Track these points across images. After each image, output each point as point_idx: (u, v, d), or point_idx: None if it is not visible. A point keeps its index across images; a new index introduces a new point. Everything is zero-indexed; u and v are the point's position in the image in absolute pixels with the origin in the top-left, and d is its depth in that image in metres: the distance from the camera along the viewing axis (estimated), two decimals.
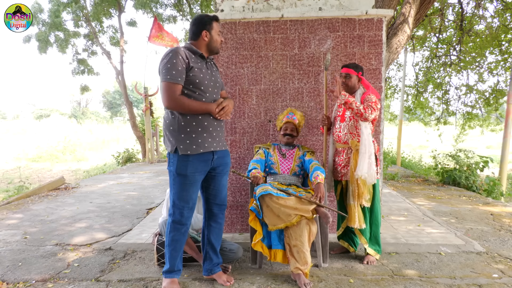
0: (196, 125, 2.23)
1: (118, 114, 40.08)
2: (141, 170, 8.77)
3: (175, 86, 2.12)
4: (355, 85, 2.87)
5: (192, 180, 2.28)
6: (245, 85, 3.47)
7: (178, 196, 2.29)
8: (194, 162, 2.24)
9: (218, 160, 2.39)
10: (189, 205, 2.32)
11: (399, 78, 11.73)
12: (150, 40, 9.14)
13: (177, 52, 2.14)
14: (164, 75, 2.13)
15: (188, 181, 2.27)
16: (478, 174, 6.39)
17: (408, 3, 5.38)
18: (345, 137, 2.86)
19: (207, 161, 2.32)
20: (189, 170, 2.24)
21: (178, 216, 2.31)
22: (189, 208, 2.33)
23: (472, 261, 2.89)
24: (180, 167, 2.23)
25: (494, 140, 15.77)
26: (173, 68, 2.11)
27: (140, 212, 4.60)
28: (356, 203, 2.78)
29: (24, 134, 18.91)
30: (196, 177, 2.29)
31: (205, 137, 2.26)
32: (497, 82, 8.78)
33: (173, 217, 2.32)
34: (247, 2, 3.42)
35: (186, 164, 2.23)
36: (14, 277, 2.67)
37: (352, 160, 2.80)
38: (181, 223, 2.33)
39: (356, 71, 2.84)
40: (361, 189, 2.75)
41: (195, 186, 2.32)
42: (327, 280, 2.56)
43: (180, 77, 2.13)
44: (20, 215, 4.44)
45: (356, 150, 2.79)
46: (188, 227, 2.39)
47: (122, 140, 18.78)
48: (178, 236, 2.34)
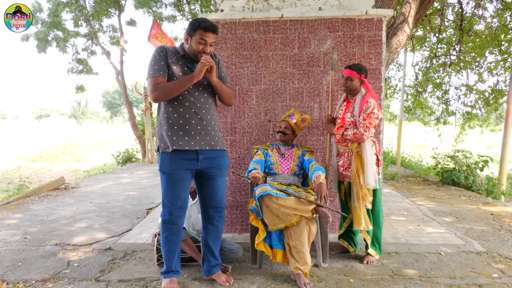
0: (172, 123, 2.27)
1: (118, 114, 40.06)
2: (141, 170, 8.77)
3: (156, 78, 2.23)
4: (356, 88, 2.81)
5: (177, 178, 2.29)
6: (245, 85, 3.47)
7: (166, 195, 2.32)
8: (175, 160, 2.27)
9: (206, 161, 2.35)
10: (177, 204, 2.31)
11: (399, 78, 11.74)
12: (150, 40, 9.13)
13: (158, 50, 2.29)
14: (148, 73, 2.27)
15: (172, 179, 2.28)
16: (477, 174, 6.39)
17: (408, 3, 5.38)
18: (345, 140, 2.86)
19: (192, 160, 2.31)
20: (171, 167, 2.27)
21: (168, 216, 2.32)
22: (178, 207, 2.32)
23: (472, 261, 2.89)
24: (162, 165, 2.30)
25: (494, 140, 15.77)
26: (155, 64, 2.24)
27: (140, 212, 4.60)
28: (360, 204, 2.75)
29: (24, 134, 18.90)
30: (180, 175, 2.29)
31: (181, 135, 2.27)
32: (496, 82, 8.79)
33: (163, 216, 2.35)
34: (247, 2, 3.42)
35: (167, 162, 2.28)
36: (14, 277, 2.67)
37: (353, 163, 2.78)
38: (171, 223, 2.33)
39: (358, 74, 2.76)
40: (364, 191, 2.74)
41: (181, 185, 2.31)
42: (327, 280, 2.56)
43: (161, 70, 2.24)
44: (20, 215, 4.44)
45: (357, 153, 2.78)
46: (180, 227, 2.38)
47: (122, 140, 18.77)
48: (171, 236, 2.35)
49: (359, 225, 2.75)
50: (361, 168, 2.75)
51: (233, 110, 3.48)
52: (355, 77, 2.77)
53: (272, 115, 3.47)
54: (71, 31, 11.22)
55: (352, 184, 2.80)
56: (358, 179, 2.75)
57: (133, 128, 11.97)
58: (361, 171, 2.75)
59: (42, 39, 10.56)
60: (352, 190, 2.80)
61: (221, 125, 3.50)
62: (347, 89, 2.84)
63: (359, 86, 2.82)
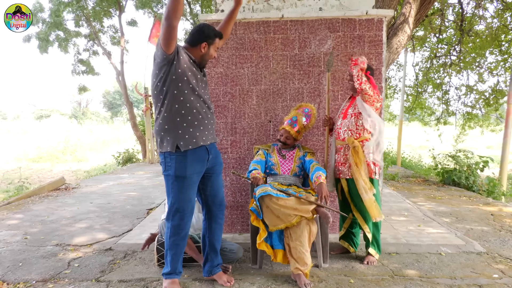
0: (191, 119, 2.25)
1: (119, 115, 40.06)
2: (141, 170, 8.77)
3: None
4: None
5: (191, 182, 2.29)
6: (245, 85, 3.47)
7: (177, 199, 2.27)
8: (192, 163, 2.25)
9: (212, 160, 2.40)
10: (188, 209, 2.31)
11: (399, 78, 11.73)
12: (150, 40, 9.15)
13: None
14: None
15: (187, 183, 2.26)
16: (478, 174, 6.39)
17: (408, 3, 5.38)
18: (344, 134, 2.86)
19: (204, 161, 2.33)
20: (189, 171, 2.24)
21: (178, 221, 2.29)
22: (189, 211, 2.33)
23: (473, 262, 2.89)
24: (179, 168, 2.23)
25: (494, 140, 15.75)
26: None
27: (140, 212, 4.60)
28: (370, 195, 2.70)
29: (24, 134, 18.91)
30: (194, 179, 2.30)
31: (202, 130, 2.29)
32: (497, 83, 8.78)
33: (173, 221, 2.30)
34: (248, 2, 3.42)
35: (183, 164, 2.23)
36: (15, 278, 2.67)
37: (351, 157, 2.78)
38: (181, 228, 2.31)
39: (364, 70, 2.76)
40: (368, 184, 2.72)
41: (193, 188, 2.32)
42: (328, 280, 2.56)
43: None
44: (20, 215, 4.44)
45: (353, 148, 2.77)
46: (188, 231, 2.38)
47: (122, 140, 18.75)
48: (179, 240, 2.34)
49: (379, 216, 2.71)
50: (359, 162, 2.74)
51: (233, 110, 3.48)
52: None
53: (273, 115, 3.47)
54: (72, 31, 11.23)
55: (355, 178, 2.75)
56: (360, 173, 2.73)
57: (134, 129, 11.96)
58: (360, 165, 2.74)
59: (43, 39, 10.57)
60: (358, 184, 2.74)
61: (221, 125, 3.50)
62: (352, 86, 2.83)
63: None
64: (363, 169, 2.74)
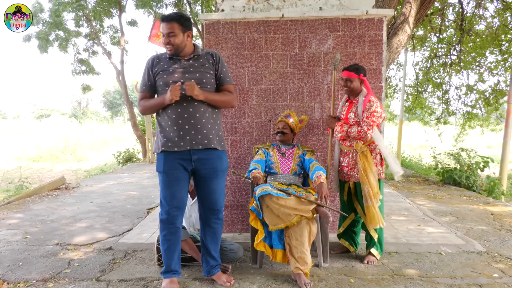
0: (164, 124, 2.32)
1: (119, 114, 40.06)
2: (141, 170, 8.77)
3: (140, 94, 2.39)
4: (357, 88, 2.81)
5: (172, 178, 2.31)
6: (245, 85, 3.47)
7: (163, 195, 2.37)
8: (168, 160, 2.30)
9: (200, 161, 2.33)
10: (173, 204, 2.33)
11: (399, 77, 11.73)
12: (151, 40, 9.15)
13: (147, 61, 2.39)
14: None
15: (168, 179, 2.32)
16: (478, 174, 6.38)
17: (408, 3, 5.37)
18: (349, 139, 2.85)
19: (186, 160, 2.32)
20: (164, 167, 2.31)
21: (165, 215, 2.36)
22: (175, 207, 2.34)
23: (473, 261, 2.89)
24: (158, 164, 2.37)
25: (494, 140, 15.74)
26: (142, 79, 2.40)
27: (140, 212, 4.60)
28: (374, 203, 2.73)
29: (24, 134, 18.91)
30: (175, 175, 2.31)
31: (171, 136, 2.28)
32: (497, 82, 8.79)
33: (161, 216, 2.39)
34: (248, 2, 3.42)
35: (161, 161, 2.33)
36: (15, 277, 2.67)
37: (359, 163, 2.77)
38: (169, 222, 2.35)
39: (357, 73, 2.76)
40: (375, 189, 2.73)
41: (177, 185, 2.33)
42: (328, 279, 2.56)
43: (144, 86, 2.38)
44: (20, 215, 4.44)
45: (361, 152, 2.77)
46: (178, 226, 2.39)
47: (122, 140, 18.76)
48: (169, 235, 2.37)
49: (376, 224, 2.74)
50: (368, 167, 2.75)
51: (233, 110, 3.48)
52: (354, 78, 2.78)
53: (273, 115, 3.48)
54: (72, 31, 11.22)
55: (362, 184, 2.76)
56: (367, 178, 2.73)
57: (134, 128, 11.96)
58: (369, 170, 2.74)
59: (43, 38, 10.56)
60: (363, 190, 2.76)
61: (222, 125, 3.49)
62: (349, 90, 2.84)
63: (360, 86, 2.83)
64: (372, 173, 2.74)
